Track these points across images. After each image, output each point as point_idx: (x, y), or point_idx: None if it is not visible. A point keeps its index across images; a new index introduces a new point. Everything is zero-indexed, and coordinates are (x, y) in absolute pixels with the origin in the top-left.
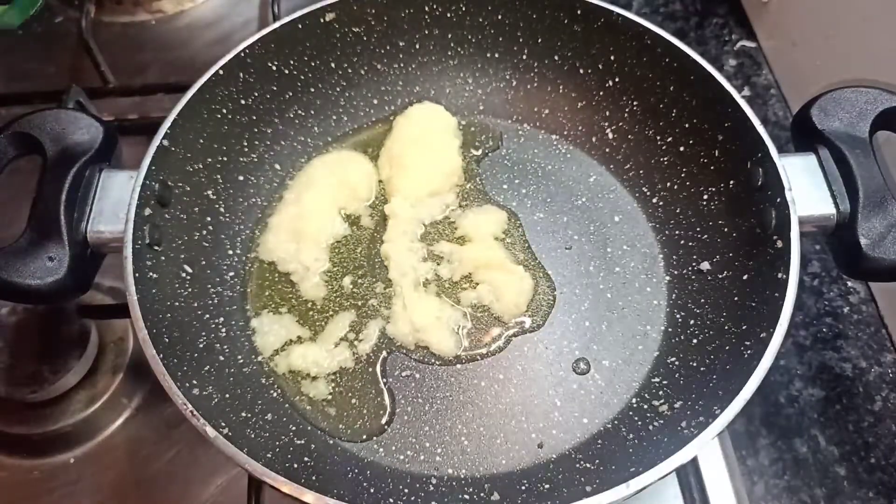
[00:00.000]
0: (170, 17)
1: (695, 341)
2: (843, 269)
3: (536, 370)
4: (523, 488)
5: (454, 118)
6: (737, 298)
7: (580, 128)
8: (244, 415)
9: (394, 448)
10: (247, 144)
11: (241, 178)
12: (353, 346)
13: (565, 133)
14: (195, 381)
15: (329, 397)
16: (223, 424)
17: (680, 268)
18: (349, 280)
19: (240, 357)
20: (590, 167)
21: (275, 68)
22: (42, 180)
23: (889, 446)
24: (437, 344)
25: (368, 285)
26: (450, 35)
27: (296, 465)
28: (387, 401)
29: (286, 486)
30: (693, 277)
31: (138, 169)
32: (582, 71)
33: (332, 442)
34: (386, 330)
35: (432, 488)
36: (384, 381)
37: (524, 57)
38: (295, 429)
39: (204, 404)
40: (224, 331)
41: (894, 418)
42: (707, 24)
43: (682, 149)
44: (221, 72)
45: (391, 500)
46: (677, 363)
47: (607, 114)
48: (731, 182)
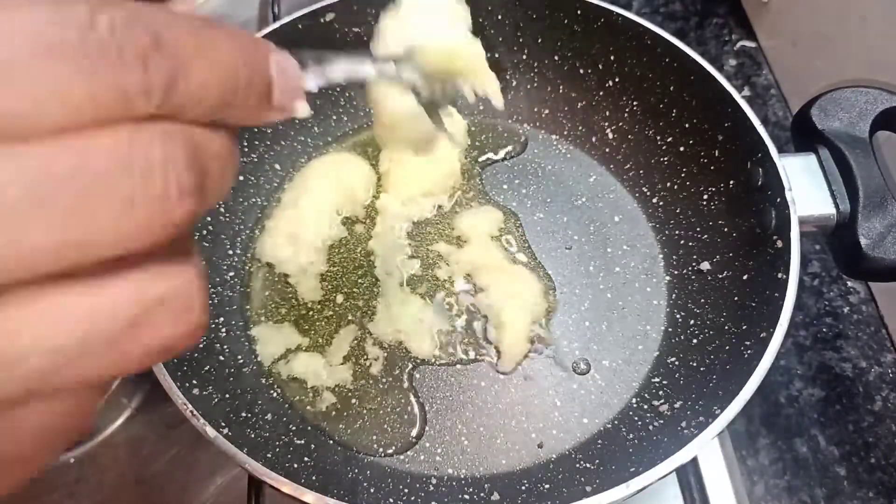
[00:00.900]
0: None
1: (695, 341)
2: (843, 269)
3: (536, 370)
4: (523, 488)
5: (464, 121)
6: (737, 298)
7: (580, 128)
8: (244, 415)
9: (393, 448)
10: (247, 144)
11: (241, 178)
12: (355, 354)
13: (565, 133)
14: (195, 381)
15: (329, 398)
16: (223, 424)
17: (680, 268)
18: (347, 281)
19: (240, 357)
20: (590, 167)
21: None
22: None
23: (889, 446)
24: (416, 348)
25: (369, 285)
26: None
27: (296, 465)
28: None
29: (286, 486)
30: (693, 277)
31: None
32: (582, 71)
33: (331, 442)
34: (369, 329)
35: (432, 488)
36: (383, 381)
37: (524, 57)
38: (295, 429)
39: (204, 404)
40: (224, 331)
41: (894, 418)
42: (707, 24)
43: (682, 149)
44: None
45: (391, 500)
46: (677, 363)
47: (607, 114)
48: (731, 182)
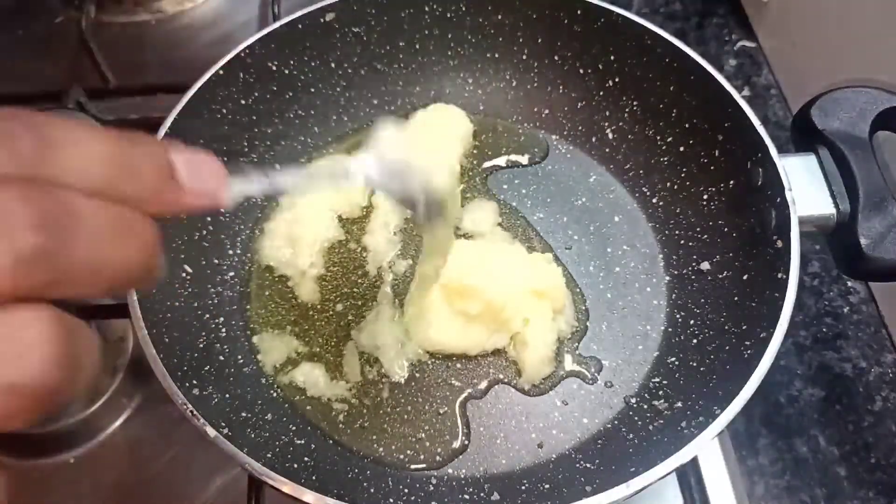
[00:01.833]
0: (170, 17)
1: (695, 341)
2: (843, 269)
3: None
4: (523, 488)
5: (471, 126)
6: (737, 298)
7: (580, 128)
8: (244, 415)
9: (393, 448)
10: (247, 144)
11: None
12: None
13: (565, 133)
14: (195, 381)
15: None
16: (223, 424)
17: (680, 268)
18: (347, 282)
19: (240, 357)
20: (590, 167)
21: (275, 68)
22: None
23: (889, 446)
24: (389, 369)
25: (369, 284)
26: (450, 35)
27: (296, 465)
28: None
29: (286, 486)
30: (693, 277)
31: None
32: (582, 71)
33: (331, 442)
34: (352, 337)
35: (432, 488)
36: (382, 380)
37: (524, 57)
38: (295, 429)
39: (204, 404)
40: (224, 331)
41: (894, 418)
42: (707, 24)
43: (682, 149)
44: (221, 72)
45: (391, 500)
46: (677, 363)
47: (607, 114)
48: (731, 182)
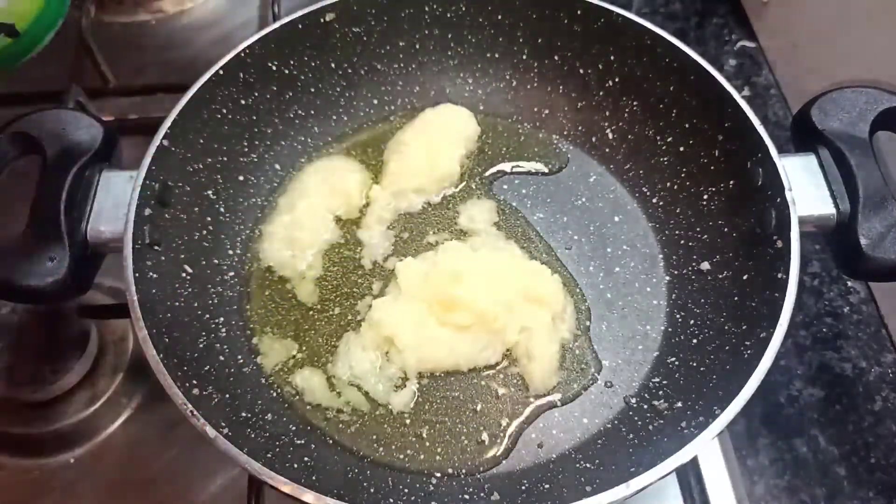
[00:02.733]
0: (170, 17)
1: (695, 341)
2: (843, 269)
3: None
4: (523, 488)
5: (477, 128)
6: (737, 298)
7: (580, 128)
8: (244, 415)
9: (394, 447)
10: (247, 144)
11: (241, 178)
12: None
13: (565, 133)
14: (195, 381)
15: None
16: (223, 424)
17: (680, 268)
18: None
19: (240, 357)
20: (590, 167)
21: (275, 68)
22: (42, 180)
23: (889, 446)
24: (373, 391)
25: (367, 284)
26: (450, 35)
27: (296, 465)
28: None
29: (286, 486)
30: (693, 277)
31: (138, 169)
32: (582, 71)
33: (331, 442)
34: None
35: (432, 488)
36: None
37: (524, 57)
38: (295, 429)
39: (204, 404)
40: (224, 331)
41: (894, 418)
42: (707, 24)
43: (682, 149)
44: (221, 72)
45: (391, 500)
46: (677, 363)
47: (607, 114)
48: (731, 182)
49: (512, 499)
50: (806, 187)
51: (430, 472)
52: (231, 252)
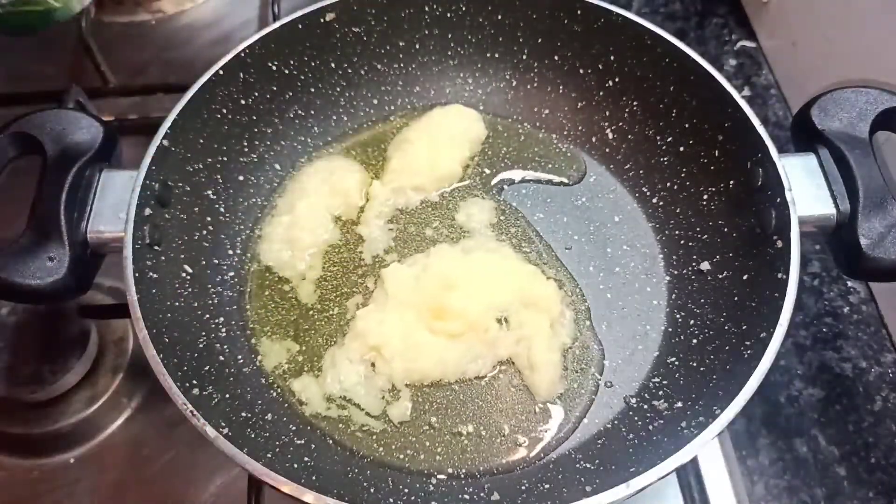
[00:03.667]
0: (170, 17)
1: (695, 341)
2: (843, 269)
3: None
4: (523, 488)
5: (484, 130)
6: (737, 298)
7: (580, 128)
8: (244, 415)
9: (394, 447)
10: (247, 144)
11: (241, 178)
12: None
13: (565, 133)
14: (195, 381)
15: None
16: (223, 424)
17: (680, 268)
18: (347, 282)
19: (240, 357)
20: (590, 167)
21: (275, 68)
22: (42, 180)
23: (889, 446)
24: (363, 403)
25: (367, 284)
26: (450, 35)
27: (296, 465)
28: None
29: (286, 486)
30: (693, 277)
31: (138, 169)
32: (582, 71)
33: (331, 442)
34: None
35: (432, 488)
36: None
37: (524, 57)
38: (295, 429)
39: (204, 404)
40: (224, 331)
41: (894, 418)
42: (707, 24)
43: (682, 149)
44: (221, 72)
45: (391, 500)
46: (677, 363)
47: (607, 114)
48: (731, 182)
49: (512, 499)
50: (806, 187)
51: (429, 472)
52: (231, 252)
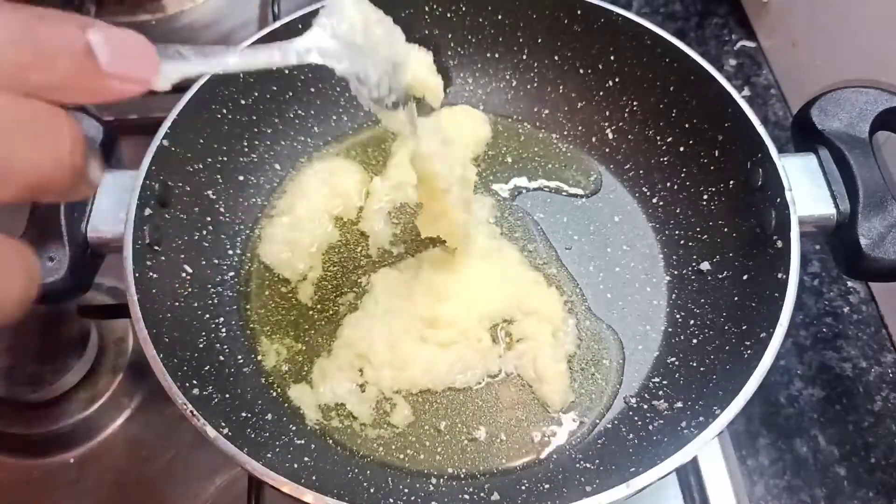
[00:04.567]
0: (170, 16)
1: (695, 341)
2: (843, 269)
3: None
4: (523, 488)
5: (489, 132)
6: (737, 298)
7: (580, 128)
8: (244, 415)
9: (394, 448)
10: (247, 144)
11: (241, 178)
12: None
13: (565, 133)
14: (195, 381)
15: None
16: (223, 424)
17: (680, 268)
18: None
19: (240, 357)
20: (590, 167)
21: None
22: None
23: (889, 446)
24: (357, 411)
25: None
26: (450, 35)
27: (296, 465)
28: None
29: (286, 486)
30: (693, 277)
31: (138, 169)
32: (582, 71)
33: (330, 442)
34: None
35: (432, 488)
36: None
37: (524, 57)
38: (295, 429)
39: (204, 404)
40: (224, 331)
41: (894, 418)
42: (707, 24)
43: (682, 149)
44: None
45: (391, 500)
46: (677, 363)
47: (607, 114)
48: (731, 182)
49: (512, 499)
50: (806, 187)
51: (429, 472)
52: (231, 252)
